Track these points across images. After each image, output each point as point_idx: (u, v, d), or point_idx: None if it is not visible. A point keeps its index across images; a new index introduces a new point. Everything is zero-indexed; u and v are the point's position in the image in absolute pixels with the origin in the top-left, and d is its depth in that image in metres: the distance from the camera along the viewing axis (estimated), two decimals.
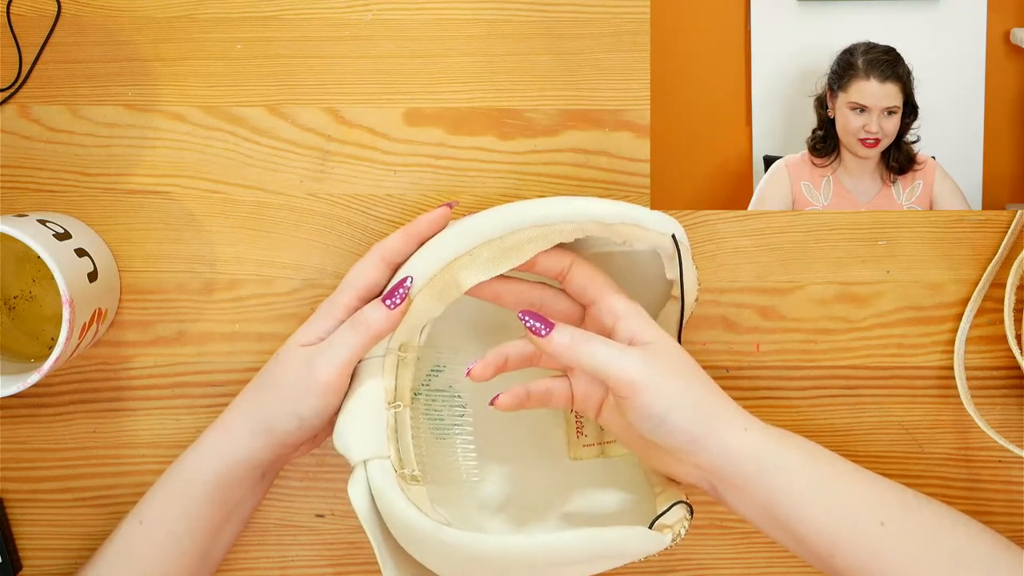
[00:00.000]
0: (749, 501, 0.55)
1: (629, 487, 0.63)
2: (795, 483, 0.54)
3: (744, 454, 0.54)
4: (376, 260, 0.57)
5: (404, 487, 0.54)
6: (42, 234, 0.58)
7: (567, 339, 0.54)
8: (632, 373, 0.53)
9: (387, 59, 0.65)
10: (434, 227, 0.58)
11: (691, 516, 0.58)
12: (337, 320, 0.57)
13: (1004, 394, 0.65)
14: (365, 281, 0.57)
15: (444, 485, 0.62)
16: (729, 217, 0.65)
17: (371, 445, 0.55)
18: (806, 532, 0.54)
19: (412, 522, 0.53)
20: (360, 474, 0.55)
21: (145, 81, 0.65)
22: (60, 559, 0.66)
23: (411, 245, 0.58)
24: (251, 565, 0.66)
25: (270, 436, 0.57)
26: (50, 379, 0.65)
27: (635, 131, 0.65)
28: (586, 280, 0.58)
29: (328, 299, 0.58)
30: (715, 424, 0.54)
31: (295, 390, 0.56)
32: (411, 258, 0.57)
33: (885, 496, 0.55)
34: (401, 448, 0.57)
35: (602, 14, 0.65)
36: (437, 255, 0.56)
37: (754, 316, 0.66)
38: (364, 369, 0.57)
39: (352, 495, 0.55)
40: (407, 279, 0.56)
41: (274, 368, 0.58)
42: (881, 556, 0.53)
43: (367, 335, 0.56)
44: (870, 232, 0.65)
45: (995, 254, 0.65)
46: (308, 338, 0.57)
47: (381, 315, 0.56)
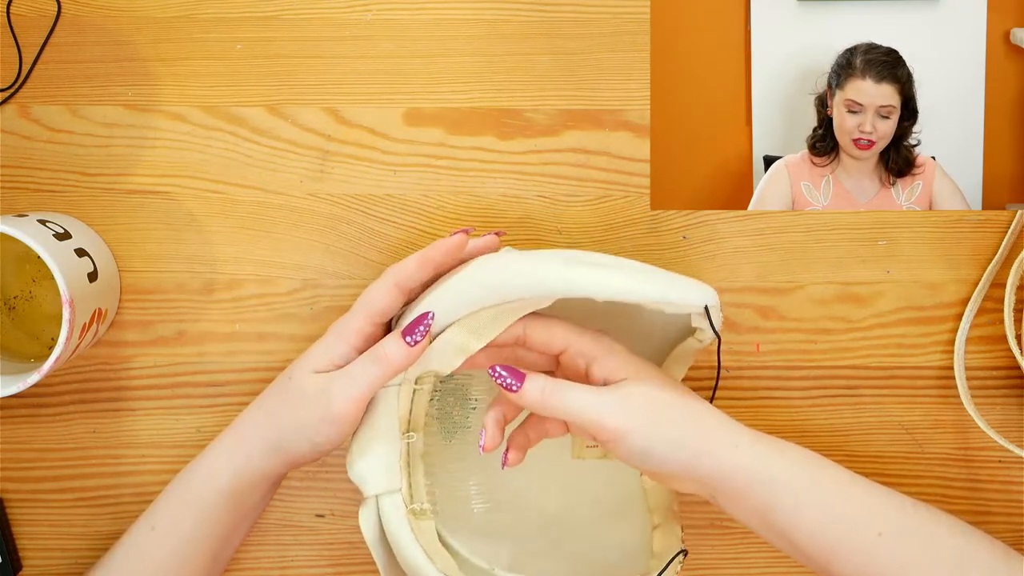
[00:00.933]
0: (746, 512, 0.55)
1: (630, 489, 0.64)
2: (788, 495, 0.54)
3: (736, 468, 0.54)
4: (390, 286, 0.56)
5: (414, 525, 0.56)
6: (42, 234, 0.58)
7: (538, 391, 0.54)
8: (607, 419, 0.53)
9: (387, 59, 0.65)
10: (449, 256, 0.57)
11: (684, 559, 0.59)
12: (350, 345, 0.57)
13: (1004, 394, 0.65)
14: (379, 307, 0.57)
15: (453, 514, 0.63)
16: (729, 217, 0.65)
17: (384, 479, 0.56)
18: (803, 542, 0.54)
19: (419, 569, 0.55)
20: (371, 506, 0.56)
21: (145, 81, 0.65)
22: (60, 559, 0.66)
23: (426, 272, 0.57)
24: (251, 565, 0.66)
25: (283, 455, 0.57)
26: (50, 379, 0.65)
27: (635, 131, 0.65)
28: (546, 335, 0.57)
29: (340, 321, 0.58)
30: (703, 446, 0.54)
31: (310, 418, 0.56)
32: (432, 293, 0.56)
33: (882, 504, 0.55)
34: (412, 477, 0.58)
35: (602, 14, 0.65)
36: (461, 301, 0.55)
37: (754, 316, 0.66)
38: (379, 399, 0.57)
39: (363, 525, 0.57)
40: (429, 315, 0.55)
41: (289, 391, 0.57)
42: (879, 564, 0.53)
43: (386, 370, 0.55)
44: (870, 232, 0.65)
45: (995, 254, 0.65)
46: (321, 363, 0.57)
47: (402, 352, 0.55)
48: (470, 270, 0.56)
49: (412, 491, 0.57)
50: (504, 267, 0.55)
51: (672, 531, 0.61)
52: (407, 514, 0.56)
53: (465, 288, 0.55)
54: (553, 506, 0.65)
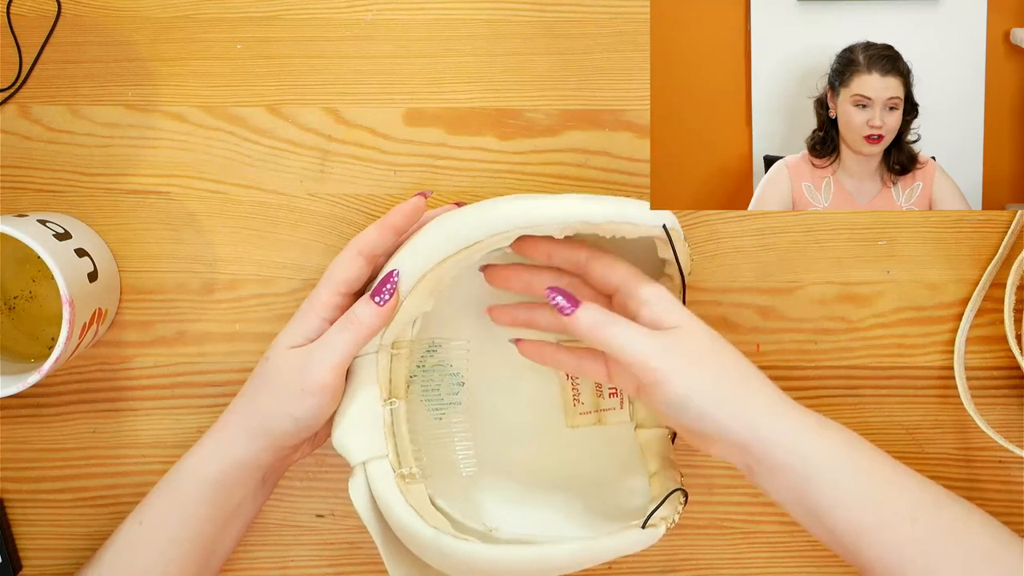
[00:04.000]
0: (781, 489, 0.54)
1: (625, 455, 0.64)
2: (826, 473, 0.53)
3: (773, 441, 0.53)
4: (354, 255, 0.57)
5: (403, 488, 0.56)
6: (42, 234, 0.58)
7: (591, 319, 0.54)
8: (652, 358, 0.53)
9: (387, 59, 0.65)
10: (408, 219, 0.58)
11: (685, 500, 0.58)
12: (320, 318, 0.57)
13: (1004, 394, 0.65)
14: (344, 276, 0.57)
15: (442, 477, 0.62)
16: (729, 217, 0.65)
17: (369, 446, 0.56)
18: (834, 523, 0.53)
19: (412, 529, 0.55)
20: (360, 475, 0.56)
21: (145, 81, 0.65)
22: (60, 559, 0.66)
23: (387, 238, 0.57)
24: (251, 565, 0.66)
25: (268, 438, 0.57)
26: (50, 379, 0.65)
27: (635, 131, 0.65)
28: (606, 270, 0.58)
29: (308, 298, 0.58)
30: (744, 412, 0.54)
31: (290, 393, 0.56)
32: (396, 255, 0.57)
33: (918, 492, 0.55)
34: (399, 444, 0.58)
35: (602, 14, 0.65)
36: (425, 254, 0.56)
37: (754, 316, 0.66)
38: (358, 367, 0.57)
39: (353, 496, 0.56)
40: (394, 272, 0.56)
41: (266, 371, 0.57)
42: (908, 552, 0.53)
43: (359, 333, 0.55)
44: (870, 232, 0.65)
45: (995, 254, 0.65)
46: (295, 339, 0.57)
47: (372, 312, 0.55)
48: (430, 226, 0.57)
49: (399, 456, 0.58)
50: (461, 215, 0.56)
51: (670, 476, 0.61)
52: (396, 478, 0.56)
53: (426, 243, 0.56)
54: (546, 469, 0.64)
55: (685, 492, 0.59)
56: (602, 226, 0.55)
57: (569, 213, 0.54)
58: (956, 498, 0.56)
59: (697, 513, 0.66)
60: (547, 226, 0.55)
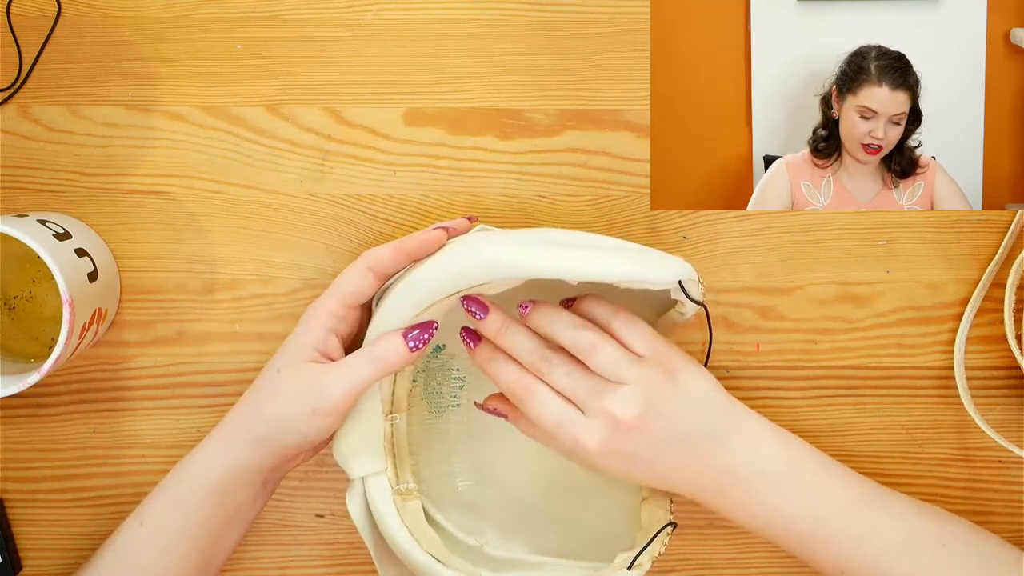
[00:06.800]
0: (749, 513, 0.57)
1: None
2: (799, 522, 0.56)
3: (752, 516, 0.57)
4: (364, 270, 0.57)
5: (400, 506, 0.57)
6: (42, 234, 0.58)
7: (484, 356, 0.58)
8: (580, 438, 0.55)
9: (387, 59, 0.65)
10: (425, 249, 0.57)
11: (672, 531, 0.59)
12: (325, 328, 0.57)
13: (1004, 394, 0.65)
14: (352, 289, 0.57)
15: (439, 489, 0.63)
16: (729, 217, 0.65)
17: (368, 461, 0.57)
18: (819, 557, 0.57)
19: (405, 552, 0.57)
20: (358, 488, 0.58)
21: (145, 81, 0.65)
22: (60, 559, 0.66)
23: (400, 262, 0.57)
24: (251, 565, 0.66)
25: (272, 447, 0.57)
26: (50, 379, 0.65)
27: (635, 131, 0.65)
28: (594, 308, 0.59)
29: (314, 305, 0.58)
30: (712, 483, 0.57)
31: (301, 410, 0.56)
32: (405, 280, 0.57)
33: (911, 525, 0.57)
34: (397, 457, 0.59)
35: (602, 14, 0.65)
36: (433, 288, 0.56)
37: (754, 316, 0.66)
38: None
39: (350, 508, 0.58)
40: (433, 325, 0.56)
41: (277, 382, 0.57)
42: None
43: (384, 371, 0.56)
44: (870, 232, 0.65)
45: (995, 254, 0.65)
46: (306, 352, 0.57)
47: (400, 354, 0.56)
48: (441, 258, 0.56)
49: (397, 472, 0.59)
50: (473, 253, 0.55)
51: (660, 504, 0.61)
52: (393, 495, 0.57)
53: (435, 276, 0.56)
54: (538, 482, 0.65)
55: (674, 524, 0.59)
56: (617, 283, 0.54)
57: (585, 273, 0.53)
58: (950, 516, 0.59)
59: (697, 513, 0.66)
60: (557, 278, 0.54)
